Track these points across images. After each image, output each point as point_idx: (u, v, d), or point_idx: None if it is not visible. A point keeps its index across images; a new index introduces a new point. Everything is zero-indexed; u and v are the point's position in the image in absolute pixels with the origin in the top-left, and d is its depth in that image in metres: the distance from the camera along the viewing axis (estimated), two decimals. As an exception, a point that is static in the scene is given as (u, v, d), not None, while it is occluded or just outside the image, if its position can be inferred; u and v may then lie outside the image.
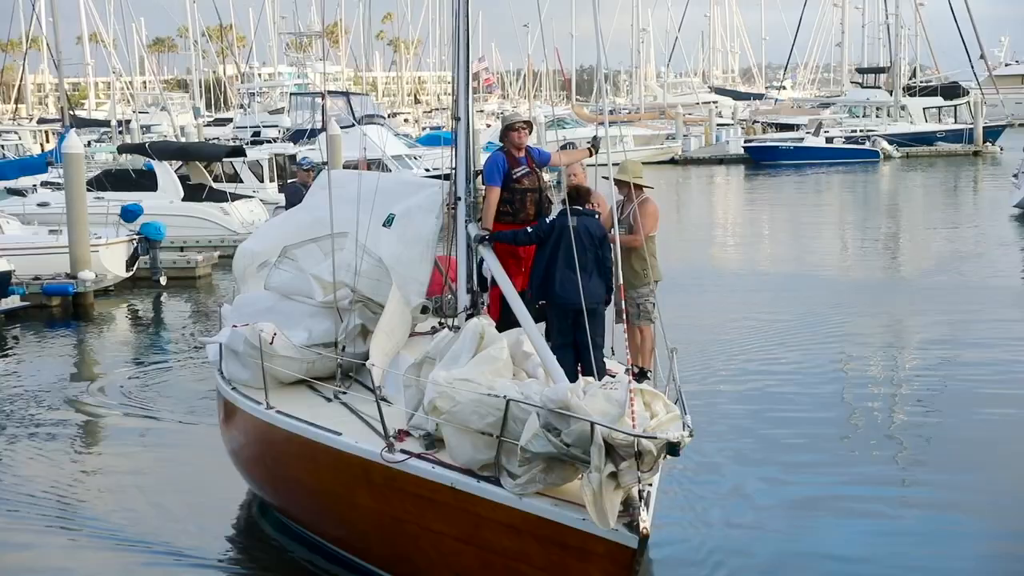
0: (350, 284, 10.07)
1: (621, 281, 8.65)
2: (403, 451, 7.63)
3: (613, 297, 9.39)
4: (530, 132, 10.21)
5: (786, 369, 15.83)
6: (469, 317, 9.35)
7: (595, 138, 10.67)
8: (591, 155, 10.65)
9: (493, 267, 9.21)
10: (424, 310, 10.31)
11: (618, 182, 10.28)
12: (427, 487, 7.41)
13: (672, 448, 6.36)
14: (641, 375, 9.48)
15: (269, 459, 9.49)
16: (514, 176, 9.90)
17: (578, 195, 9.46)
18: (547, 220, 9.50)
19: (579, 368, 8.97)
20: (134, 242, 24.66)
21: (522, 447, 6.78)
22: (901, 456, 12.06)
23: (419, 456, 7.56)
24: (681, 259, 24.11)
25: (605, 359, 9.58)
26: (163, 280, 25.28)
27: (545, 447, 6.68)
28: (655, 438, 6.34)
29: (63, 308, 22.44)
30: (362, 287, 10.05)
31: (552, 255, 9.19)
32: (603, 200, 10.33)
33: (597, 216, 9.44)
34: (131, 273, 24.70)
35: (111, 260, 23.99)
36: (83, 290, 22.62)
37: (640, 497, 6.54)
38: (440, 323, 10.38)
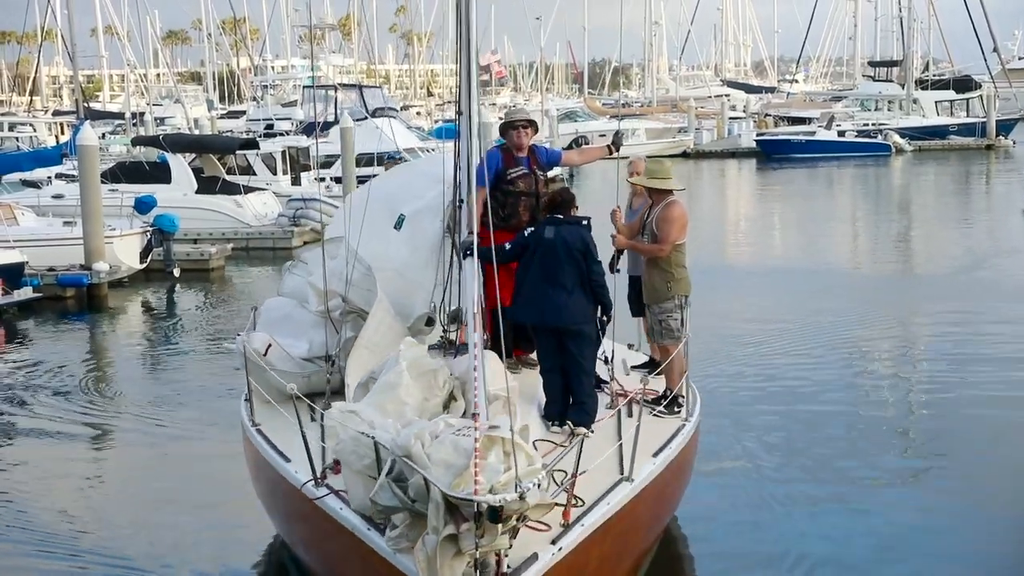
0: (342, 294, 9.28)
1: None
2: (327, 485, 7.07)
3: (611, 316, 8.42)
4: (534, 132, 9.34)
5: (797, 362, 15.89)
6: (448, 334, 9.06)
7: (617, 133, 9.85)
8: (610, 153, 9.77)
9: (469, 280, 8.19)
10: (429, 322, 9.34)
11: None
12: (337, 526, 6.86)
13: (492, 513, 5.48)
14: (672, 401, 8.86)
15: (251, 473, 9.18)
16: (508, 177, 9.08)
17: (560, 202, 8.49)
18: (524, 232, 8.45)
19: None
20: (148, 234, 24.83)
21: (371, 498, 6.06)
22: (914, 452, 12.16)
23: (337, 493, 6.95)
24: (693, 253, 24.11)
25: (628, 359, 9.12)
26: (177, 272, 25.45)
27: (391, 500, 5.91)
28: (467, 499, 5.48)
29: (77, 299, 22.65)
30: (354, 297, 9.25)
31: (526, 271, 8.29)
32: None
33: (585, 224, 8.37)
34: (145, 265, 24.87)
35: (125, 252, 24.16)
36: (97, 281, 22.82)
37: (500, 566, 5.74)
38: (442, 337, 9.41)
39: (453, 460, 5.79)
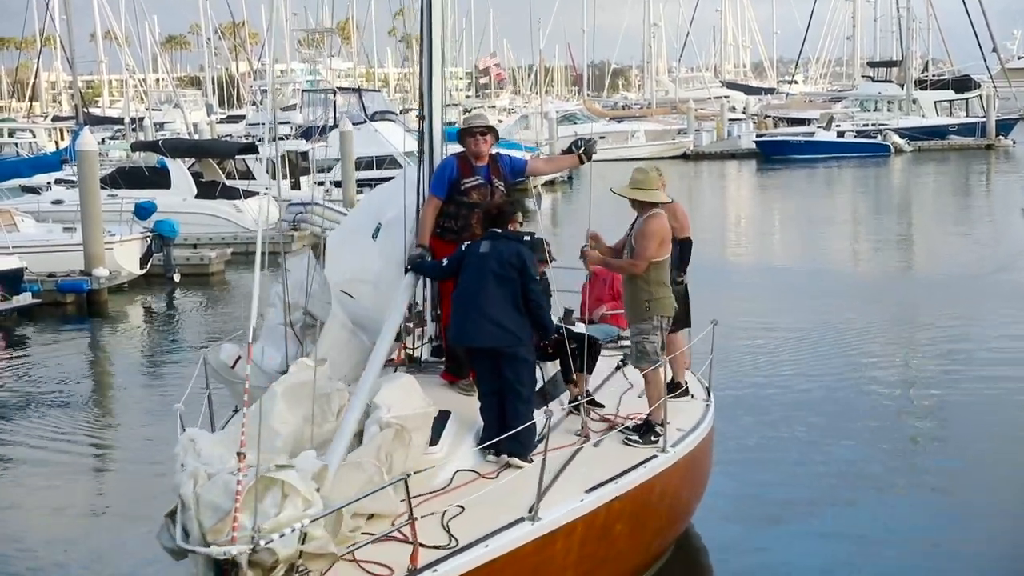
0: (304, 305, 8.83)
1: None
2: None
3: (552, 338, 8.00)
4: (494, 140, 8.71)
5: (799, 365, 15.91)
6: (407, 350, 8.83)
7: (587, 141, 9.09)
8: (580, 163, 9.01)
9: (400, 296, 8.13)
10: (398, 337, 8.84)
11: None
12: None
13: (217, 567, 5.15)
14: (649, 431, 8.14)
15: None
16: (462, 187, 8.50)
17: (497, 215, 7.93)
18: (462, 247, 7.93)
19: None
20: (148, 239, 24.82)
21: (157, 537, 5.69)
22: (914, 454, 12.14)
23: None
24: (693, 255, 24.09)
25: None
26: (177, 277, 25.44)
27: (169, 543, 5.57)
28: (190, 549, 5.18)
29: (77, 305, 22.62)
30: (315, 309, 8.80)
31: (456, 288, 7.82)
32: (679, 210, 9.18)
33: (528, 240, 7.86)
34: (145, 270, 24.86)
35: (125, 257, 24.14)
36: (97, 287, 22.79)
37: None
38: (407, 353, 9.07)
39: (221, 503, 5.37)
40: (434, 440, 7.20)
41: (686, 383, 9.44)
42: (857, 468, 11.50)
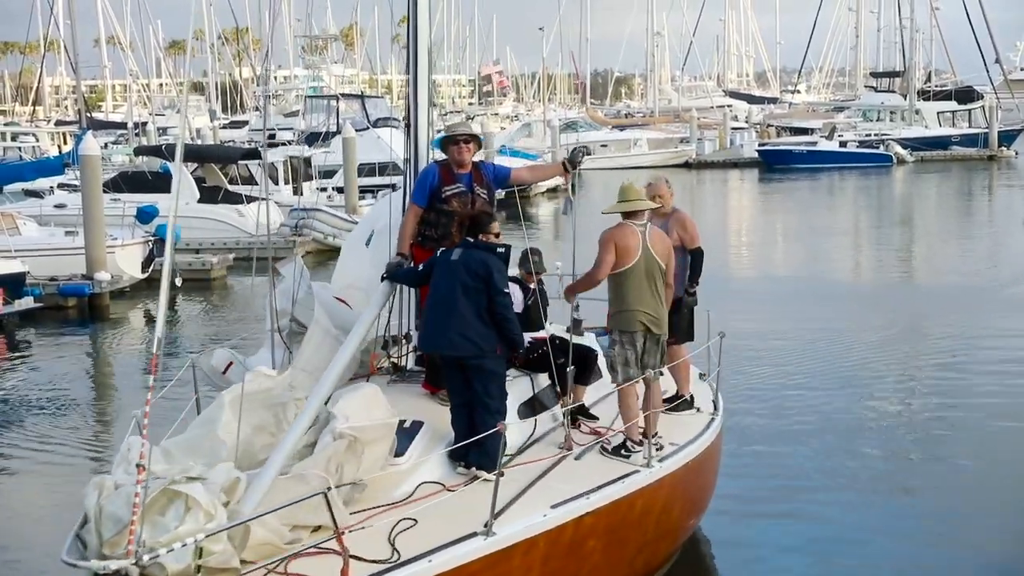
0: (291, 312, 8.83)
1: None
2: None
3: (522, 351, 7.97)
4: (477, 147, 8.62)
5: (801, 373, 15.92)
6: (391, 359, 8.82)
7: (575, 151, 9.08)
8: (565, 171, 8.86)
9: (373, 307, 8.05)
10: (386, 345, 9.00)
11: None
12: None
13: None
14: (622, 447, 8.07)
15: None
16: (443, 195, 8.42)
17: (473, 223, 7.82)
18: (437, 254, 7.87)
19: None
20: (150, 244, 24.83)
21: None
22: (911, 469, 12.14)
23: None
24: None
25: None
26: (179, 282, 25.43)
27: (67, 556, 5.51)
28: (72, 564, 5.18)
29: (79, 309, 22.64)
30: (301, 316, 8.77)
31: (428, 295, 7.79)
32: (687, 220, 9.37)
33: (502, 252, 7.65)
34: (147, 275, 24.87)
35: (127, 261, 24.17)
36: (99, 291, 22.82)
37: None
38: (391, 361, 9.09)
39: (122, 514, 5.27)
40: (400, 451, 7.11)
41: (691, 396, 9.35)
42: (866, 474, 11.54)
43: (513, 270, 8.44)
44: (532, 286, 8.98)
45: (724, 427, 9.56)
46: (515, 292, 8.64)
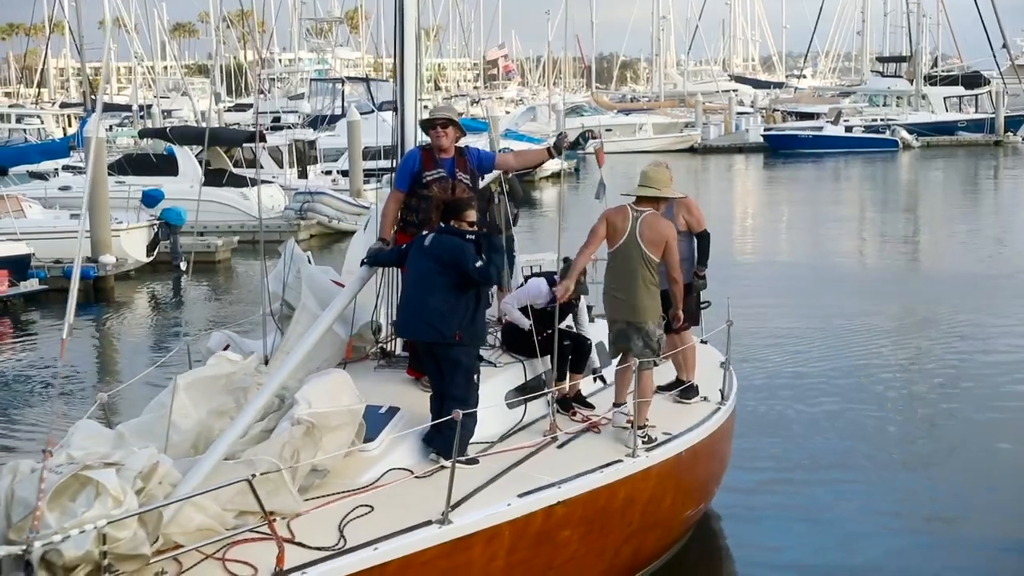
0: (282, 295, 8.76)
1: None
2: None
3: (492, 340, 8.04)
4: (457, 132, 8.45)
5: (809, 361, 15.89)
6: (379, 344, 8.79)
7: (560, 135, 8.99)
8: (551, 157, 8.83)
9: (348, 291, 8.00)
10: (378, 330, 8.88)
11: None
12: None
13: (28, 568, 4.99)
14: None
15: None
16: (424, 180, 8.29)
17: (448, 208, 7.74)
18: (415, 238, 7.82)
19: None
20: (155, 227, 24.84)
21: None
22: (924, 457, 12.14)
23: None
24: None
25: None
26: (184, 265, 25.46)
27: None
28: None
29: (83, 292, 22.62)
30: (291, 300, 8.69)
31: (403, 280, 7.75)
32: (692, 204, 9.29)
33: (474, 239, 7.50)
34: (152, 258, 24.89)
35: (132, 244, 24.19)
36: (104, 274, 22.84)
37: None
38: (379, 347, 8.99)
39: (32, 499, 5.19)
40: (370, 437, 7.03)
41: (695, 384, 9.18)
42: (878, 461, 11.53)
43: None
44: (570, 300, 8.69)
45: (736, 415, 9.46)
46: (541, 285, 8.65)
